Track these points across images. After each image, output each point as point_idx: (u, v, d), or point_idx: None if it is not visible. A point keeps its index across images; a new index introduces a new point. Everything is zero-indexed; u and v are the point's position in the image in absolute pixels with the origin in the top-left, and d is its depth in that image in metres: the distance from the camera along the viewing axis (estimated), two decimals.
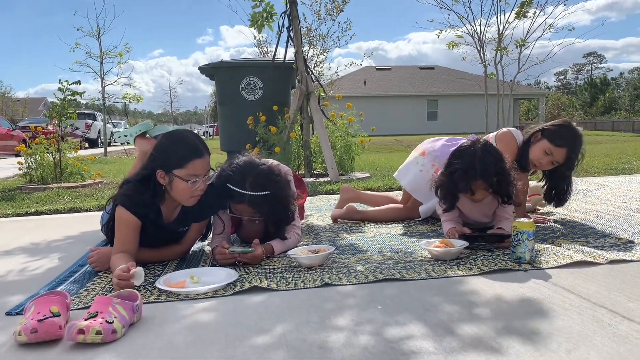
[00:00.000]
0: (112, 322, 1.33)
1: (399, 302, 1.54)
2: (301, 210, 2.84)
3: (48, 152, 5.54)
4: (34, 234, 2.94)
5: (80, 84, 5.59)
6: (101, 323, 1.31)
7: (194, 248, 2.32)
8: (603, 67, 65.84)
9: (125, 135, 2.74)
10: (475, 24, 10.31)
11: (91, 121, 19.97)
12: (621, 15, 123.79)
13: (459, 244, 2.03)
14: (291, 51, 5.51)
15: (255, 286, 1.72)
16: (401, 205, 2.98)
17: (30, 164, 5.54)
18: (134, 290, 1.56)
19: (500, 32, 10.13)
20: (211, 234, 2.27)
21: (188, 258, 2.20)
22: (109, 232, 2.07)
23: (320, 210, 3.41)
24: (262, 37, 13.41)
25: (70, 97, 5.50)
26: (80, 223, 3.26)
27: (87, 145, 18.31)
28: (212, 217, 2.22)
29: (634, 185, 4.06)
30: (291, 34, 5.39)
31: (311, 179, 5.07)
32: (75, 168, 5.72)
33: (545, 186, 2.80)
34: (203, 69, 6.18)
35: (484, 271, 1.82)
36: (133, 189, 1.95)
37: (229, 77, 5.94)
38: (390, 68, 33.18)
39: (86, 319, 1.33)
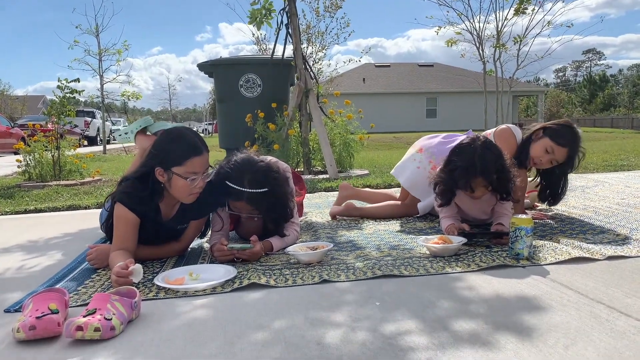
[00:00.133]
0: (111, 319, 1.33)
1: (397, 299, 1.55)
2: (300, 207, 2.85)
3: (47, 150, 5.53)
4: (33, 232, 2.94)
5: (79, 82, 5.59)
6: (100, 320, 1.31)
7: (193, 245, 2.32)
8: (602, 64, 65.94)
9: (125, 132, 2.73)
10: (474, 21, 10.32)
11: (90, 119, 19.96)
12: (620, 11, 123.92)
13: (458, 241, 2.03)
14: (290, 48, 5.50)
15: (253, 283, 1.72)
16: (399, 202, 2.98)
17: (29, 162, 5.54)
18: (133, 287, 1.56)
19: (499, 29, 10.13)
20: (210, 231, 2.27)
21: (187, 255, 2.20)
22: (108, 231, 2.07)
23: (319, 207, 3.41)
24: (261, 35, 13.39)
25: (69, 95, 5.50)
26: (79, 220, 3.26)
27: (86, 142, 18.33)
28: (211, 215, 2.22)
29: (633, 181, 4.07)
30: (290, 31, 5.39)
31: (310, 176, 5.08)
32: (74, 166, 5.72)
33: (539, 185, 2.81)
34: (202, 67, 6.18)
35: (483, 267, 1.82)
36: (132, 187, 1.95)
37: (228, 75, 5.93)
38: (389, 65, 33.15)
39: (85, 316, 1.33)
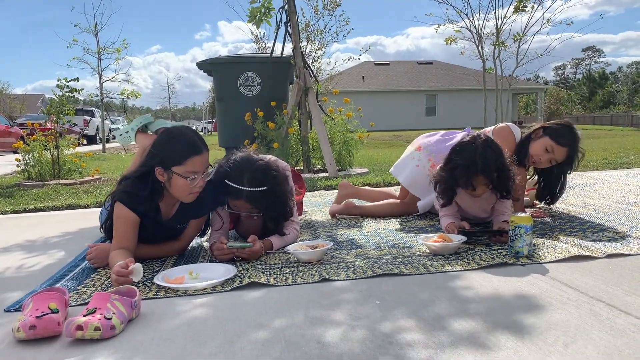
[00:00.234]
0: (111, 318, 1.33)
1: (397, 297, 1.55)
2: (299, 205, 2.85)
3: (46, 149, 5.53)
4: (33, 231, 2.94)
5: (78, 81, 5.58)
6: (100, 319, 1.31)
7: (193, 244, 2.32)
8: (602, 62, 65.88)
9: (126, 131, 2.72)
10: (473, 19, 10.31)
11: (89, 118, 19.95)
12: (620, 9, 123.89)
13: (457, 239, 2.03)
14: (289, 46, 5.49)
15: (253, 282, 1.72)
16: (399, 200, 2.98)
17: (28, 161, 5.53)
18: (133, 286, 1.56)
19: (498, 27, 10.13)
20: (209, 230, 2.27)
21: (186, 254, 2.20)
22: (108, 230, 2.06)
23: (318, 205, 3.41)
24: (260, 33, 13.39)
25: (68, 94, 5.49)
26: (78, 220, 3.26)
27: (85, 141, 18.32)
28: (211, 214, 2.22)
29: (632, 179, 4.07)
30: (289, 29, 5.38)
31: (310, 175, 5.07)
32: (73, 165, 5.71)
33: (537, 185, 2.82)
34: (201, 65, 6.17)
35: (482, 266, 1.83)
36: (132, 186, 1.95)
37: (227, 73, 5.92)
38: (388, 63, 33.13)
39: (85, 315, 1.33)
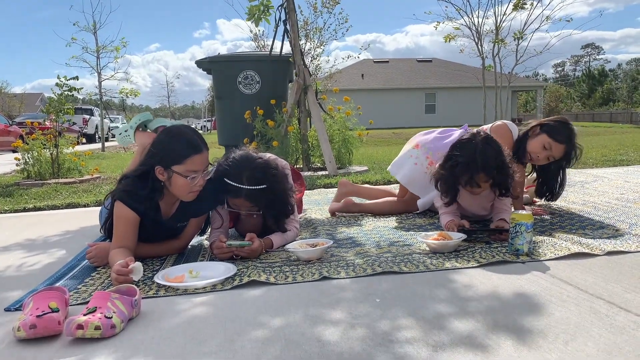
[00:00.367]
0: (111, 317, 1.33)
1: (397, 296, 1.55)
2: (299, 204, 2.84)
3: (45, 148, 5.52)
4: (32, 230, 2.93)
5: (78, 80, 5.57)
6: (100, 318, 1.31)
7: (193, 243, 2.32)
8: (601, 59, 65.91)
9: (125, 130, 2.72)
10: (472, 16, 10.29)
11: (88, 116, 19.92)
12: (619, 6, 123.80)
13: (457, 237, 2.03)
14: (288, 44, 5.48)
15: (253, 280, 1.72)
16: (399, 198, 2.98)
17: (27, 160, 5.53)
18: (133, 285, 1.56)
19: (497, 24, 10.11)
20: (209, 229, 2.27)
21: (186, 253, 2.20)
22: (108, 229, 2.06)
23: (318, 204, 3.41)
24: (259, 31, 13.38)
25: (67, 93, 5.48)
26: (78, 219, 3.26)
27: (85, 140, 18.31)
28: (210, 212, 2.22)
29: (632, 176, 4.07)
30: (288, 27, 5.37)
31: (309, 173, 5.07)
32: (72, 163, 5.71)
33: (536, 181, 2.82)
34: (200, 63, 6.16)
35: (482, 263, 1.83)
36: (132, 185, 1.95)
37: (226, 71, 5.92)
38: (388, 61, 33.09)
39: (85, 314, 1.33)
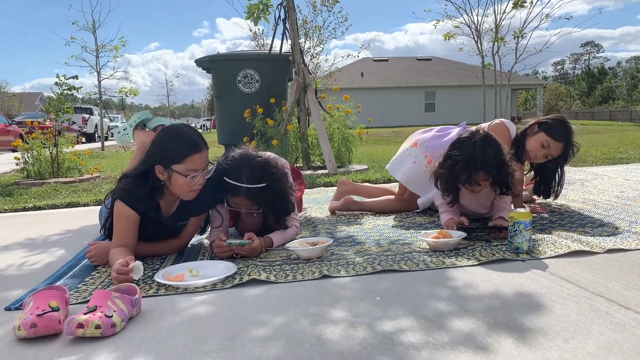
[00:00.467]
0: (112, 316, 1.33)
1: (397, 294, 1.55)
2: (299, 203, 2.84)
3: (45, 147, 5.52)
4: (32, 229, 2.93)
5: (77, 79, 5.57)
6: (100, 317, 1.31)
7: (193, 241, 2.32)
8: (600, 57, 65.82)
9: (124, 128, 2.72)
10: (472, 14, 10.29)
11: (88, 115, 19.92)
12: (618, 4, 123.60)
13: (457, 235, 2.03)
14: (287, 43, 5.48)
15: (254, 279, 1.73)
16: (399, 197, 2.98)
17: (27, 159, 5.53)
18: (133, 284, 1.56)
19: (497, 22, 10.11)
20: (209, 228, 2.27)
21: (187, 252, 2.20)
22: (108, 229, 2.06)
23: (318, 202, 3.41)
24: (259, 30, 13.39)
25: (67, 92, 5.47)
26: (78, 218, 3.26)
27: (84, 139, 18.30)
28: (210, 211, 2.22)
29: (632, 174, 4.07)
30: (287, 26, 5.37)
31: (309, 172, 5.07)
32: (72, 163, 5.71)
33: (534, 179, 2.83)
34: (199, 62, 6.16)
35: (482, 262, 1.83)
36: (132, 184, 1.95)
37: (226, 70, 5.92)
38: (387, 59, 33.08)
39: (85, 313, 1.33)
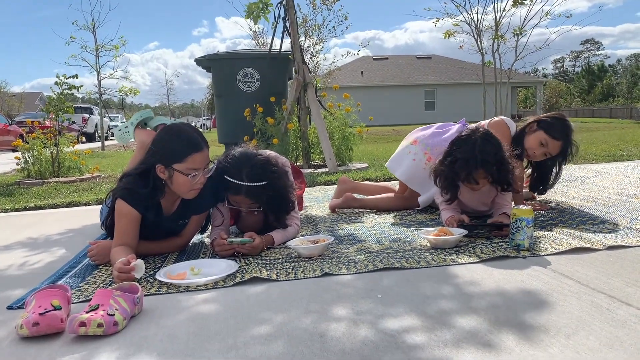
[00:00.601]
0: (114, 315, 1.34)
1: (398, 292, 1.55)
2: (300, 201, 2.85)
3: (45, 147, 5.53)
4: (33, 229, 2.94)
5: (77, 78, 5.57)
6: (102, 315, 1.32)
7: (194, 240, 2.33)
8: (600, 54, 65.76)
9: (125, 127, 2.72)
10: (472, 12, 10.29)
11: (88, 115, 19.93)
12: (618, 1, 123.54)
13: (458, 233, 2.03)
14: (287, 42, 5.48)
15: (255, 277, 1.73)
16: (399, 194, 2.98)
17: (27, 159, 5.53)
18: (135, 282, 1.56)
19: (497, 20, 10.10)
20: (210, 226, 2.27)
21: (188, 250, 2.21)
22: (109, 227, 2.07)
23: (318, 201, 3.41)
24: (258, 29, 13.38)
25: (67, 91, 5.48)
26: (79, 217, 3.26)
27: (85, 139, 18.30)
28: (211, 210, 2.22)
29: (632, 171, 4.07)
30: (287, 25, 5.36)
31: (309, 170, 5.08)
32: (72, 162, 5.71)
33: (530, 176, 2.84)
34: (199, 61, 6.16)
35: (483, 259, 1.83)
36: (133, 183, 1.95)
37: (226, 69, 5.92)
38: (387, 58, 33.04)
39: (87, 312, 1.33)
